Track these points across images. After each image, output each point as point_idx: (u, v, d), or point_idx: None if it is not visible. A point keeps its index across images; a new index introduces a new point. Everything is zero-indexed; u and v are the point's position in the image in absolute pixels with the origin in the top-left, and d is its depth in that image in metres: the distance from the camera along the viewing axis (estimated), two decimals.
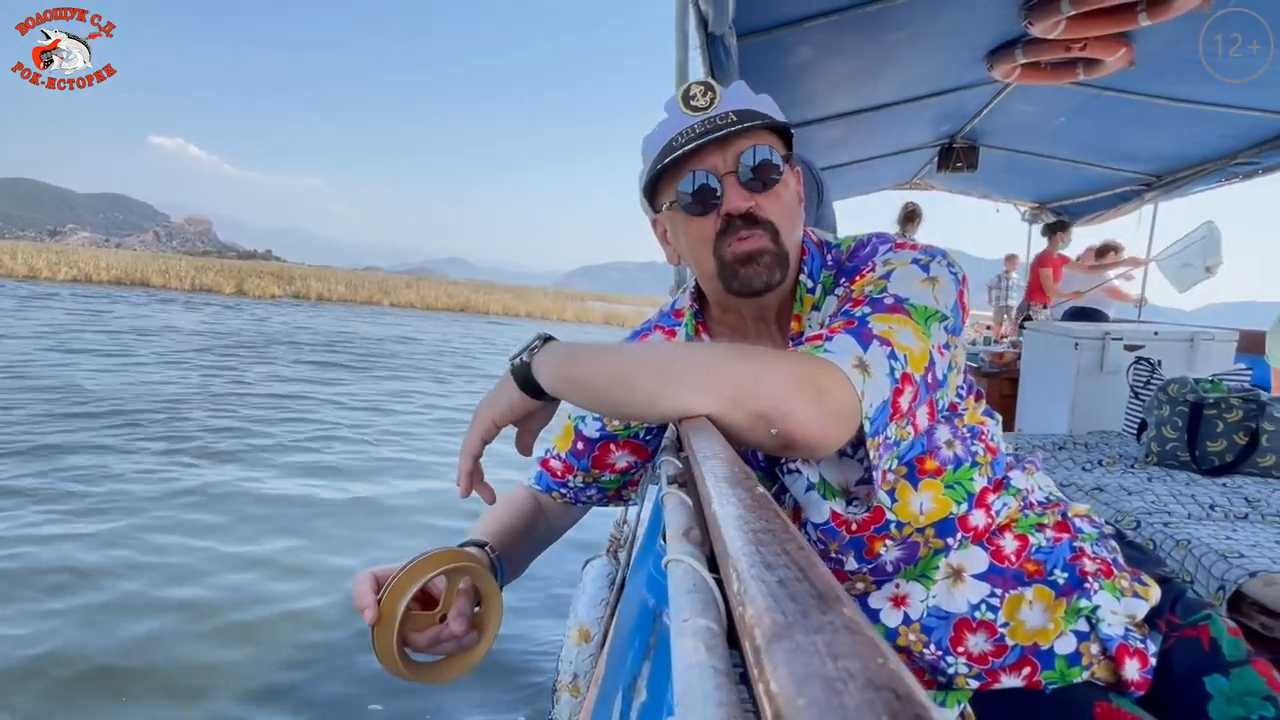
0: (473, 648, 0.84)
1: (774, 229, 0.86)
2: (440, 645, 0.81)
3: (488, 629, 0.85)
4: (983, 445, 0.88)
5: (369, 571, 0.81)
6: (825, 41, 2.99)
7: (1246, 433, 2.15)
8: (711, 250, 0.87)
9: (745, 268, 0.85)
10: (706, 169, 0.85)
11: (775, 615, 0.19)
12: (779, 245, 0.86)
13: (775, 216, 0.86)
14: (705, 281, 0.93)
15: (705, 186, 0.85)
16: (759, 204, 0.85)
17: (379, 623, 0.77)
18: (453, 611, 0.82)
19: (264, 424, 7.12)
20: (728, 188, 0.85)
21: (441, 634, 0.81)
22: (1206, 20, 2.65)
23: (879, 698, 0.14)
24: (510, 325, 27.48)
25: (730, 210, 0.85)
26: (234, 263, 50.43)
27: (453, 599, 0.82)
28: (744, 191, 0.85)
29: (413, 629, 0.80)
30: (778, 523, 0.30)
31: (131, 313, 17.71)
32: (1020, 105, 4.16)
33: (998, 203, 6.58)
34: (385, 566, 0.81)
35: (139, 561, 3.87)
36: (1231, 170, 4.16)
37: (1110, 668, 0.83)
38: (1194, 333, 3.33)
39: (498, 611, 0.86)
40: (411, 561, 0.79)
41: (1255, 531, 1.66)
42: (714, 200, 0.85)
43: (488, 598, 0.85)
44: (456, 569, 0.82)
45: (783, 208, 0.87)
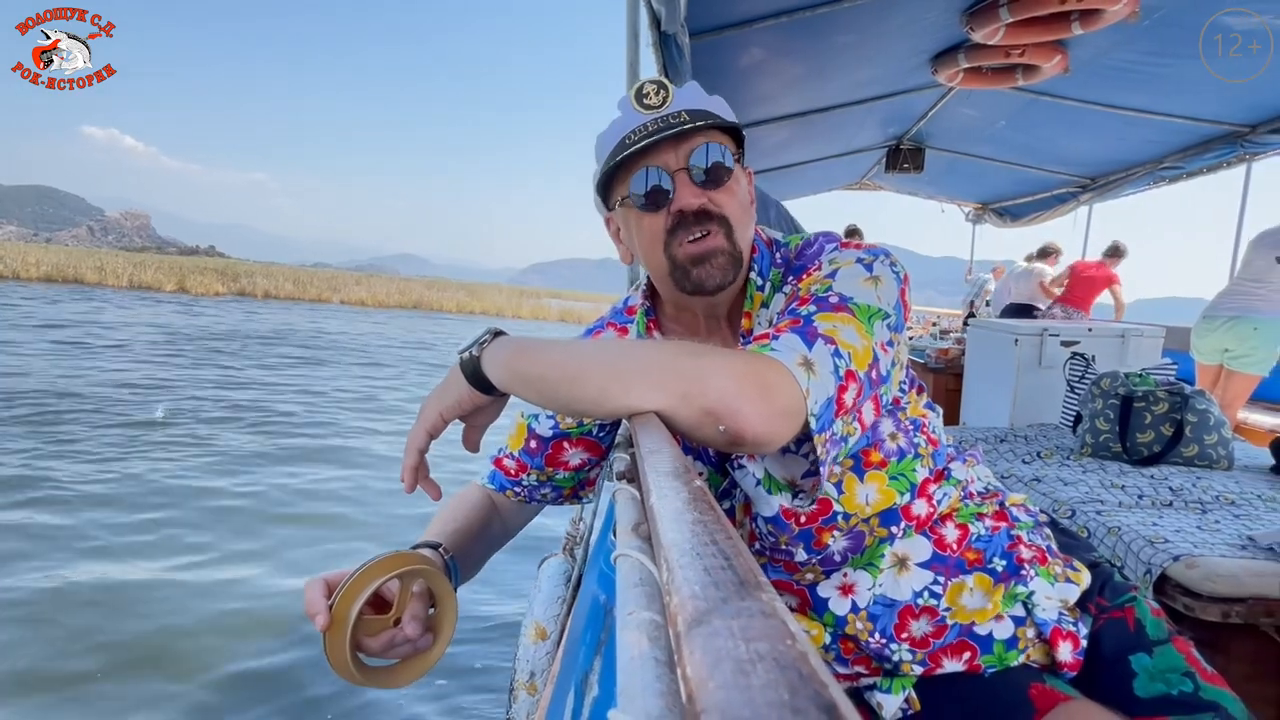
0: (428, 650, 0.83)
1: (727, 224, 0.86)
2: (395, 649, 0.80)
3: (443, 631, 0.84)
4: (924, 437, 0.91)
5: (320, 577, 0.79)
6: (775, 43, 3.03)
7: (1172, 424, 2.27)
8: (663, 248, 0.88)
9: (698, 268, 0.86)
10: (658, 166, 0.86)
11: (697, 602, 0.19)
12: (732, 244, 0.87)
13: (728, 212, 0.87)
14: (658, 280, 0.94)
15: (657, 184, 0.86)
16: (711, 199, 0.86)
17: (331, 628, 0.75)
18: (407, 615, 0.80)
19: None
20: (679, 185, 0.85)
21: (396, 637, 0.80)
22: (1135, 30, 2.78)
23: (784, 677, 0.14)
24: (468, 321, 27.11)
25: (682, 207, 0.85)
26: (175, 259, 48.41)
27: (407, 602, 0.81)
28: (695, 188, 0.86)
29: (366, 633, 0.78)
30: (710, 514, 0.30)
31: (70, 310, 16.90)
32: (963, 109, 4.29)
33: (943, 203, 6.78)
34: (336, 572, 0.79)
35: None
36: (1159, 174, 4.37)
37: (1045, 650, 0.87)
38: (1125, 329, 3.49)
39: (453, 613, 0.85)
40: (363, 565, 0.78)
41: (1179, 518, 1.75)
42: (665, 197, 0.86)
43: (442, 600, 0.84)
44: (410, 572, 0.81)
45: (735, 204, 0.88)
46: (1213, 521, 1.72)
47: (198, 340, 13.38)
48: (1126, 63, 3.16)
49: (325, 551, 4.28)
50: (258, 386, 9.31)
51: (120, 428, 6.53)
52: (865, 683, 0.92)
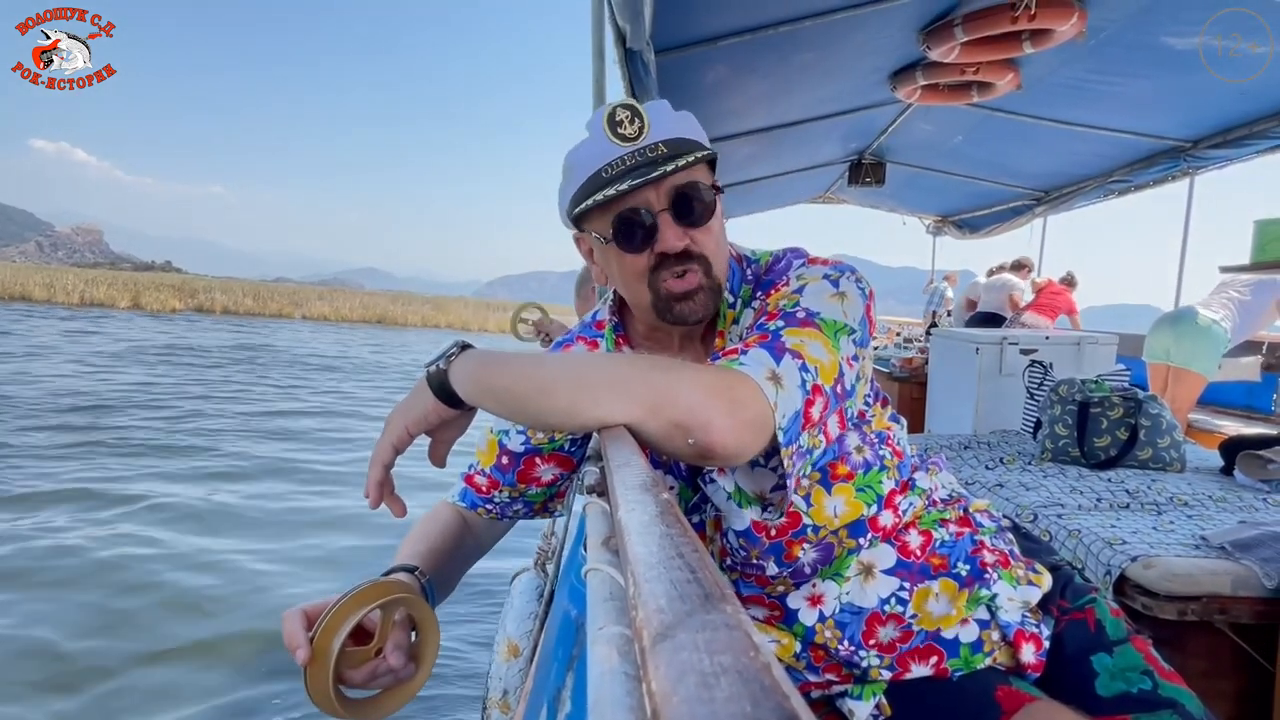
0: (410, 679, 0.81)
1: (707, 263, 0.88)
2: (377, 679, 0.78)
3: (425, 658, 0.82)
4: (889, 449, 0.92)
5: (298, 609, 0.77)
6: (740, 60, 3.08)
7: (1127, 429, 2.34)
8: (646, 284, 0.88)
9: (680, 304, 0.87)
10: (641, 205, 0.85)
11: (663, 616, 0.20)
12: (712, 279, 0.88)
13: (708, 251, 0.88)
14: (639, 310, 0.94)
15: (639, 224, 0.86)
16: (694, 240, 0.87)
17: (312, 662, 0.73)
18: (390, 644, 0.78)
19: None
20: (663, 226, 0.85)
21: (379, 668, 0.78)
22: (1082, 49, 2.89)
23: (747, 690, 0.15)
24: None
25: (665, 250, 0.86)
26: (129, 274, 47.07)
27: (389, 632, 0.79)
28: (679, 229, 0.86)
29: (348, 665, 0.76)
30: (677, 526, 0.31)
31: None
32: (922, 124, 4.41)
33: (904, 215, 6.93)
34: (316, 603, 0.77)
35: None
36: (1109, 187, 4.53)
37: (1010, 653, 0.89)
38: (1080, 337, 3.59)
39: (435, 640, 0.83)
40: (344, 597, 0.75)
41: (1136, 519, 1.80)
42: (648, 237, 0.86)
43: (424, 626, 0.83)
44: (391, 601, 0.79)
45: (714, 241, 0.89)
46: (1168, 522, 1.77)
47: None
48: (1075, 80, 3.28)
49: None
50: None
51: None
52: (836, 690, 0.92)
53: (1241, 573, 1.46)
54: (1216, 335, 3.46)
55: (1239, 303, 3.51)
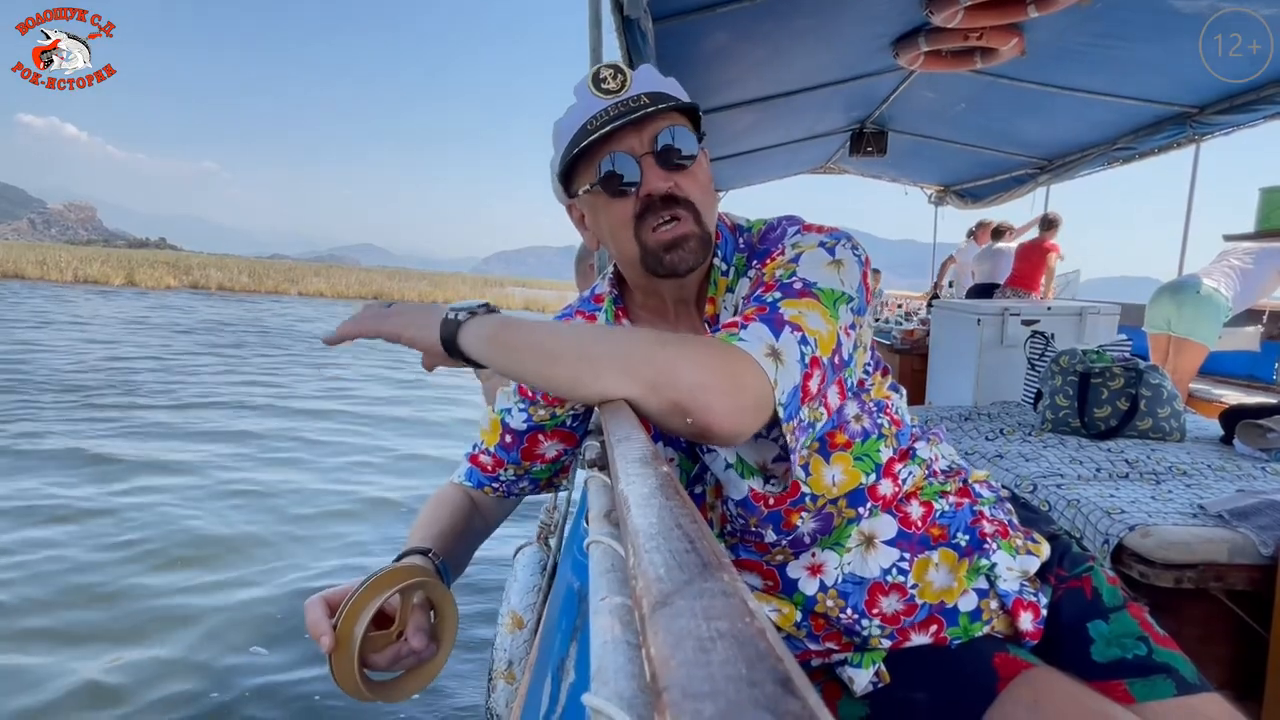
0: (432, 659, 0.82)
1: (694, 208, 0.87)
2: (400, 662, 0.80)
3: (445, 639, 0.84)
4: (888, 418, 0.92)
5: (319, 597, 0.78)
6: (739, 27, 3.03)
7: (1128, 399, 2.34)
8: (632, 233, 0.87)
9: (670, 253, 0.86)
10: (624, 151, 0.85)
11: (662, 585, 0.20)
12: (701, 227, 0.87)
13: (694, 196, 0.87)
14: (626, 265, 0.93)
15: (624, 169, 0.85)
16: (678, 184, 0.86)
17: (337, 649, 0.75)
18: (411, 627, 0.80)
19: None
20: (646, 169, 0.85)
21: (401, 651, 0.79)
22: (1088, 13, 2.83)
23: (742, 653, 0.15)
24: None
25: (650, 191, 0.85)
26: (123, 251, 46.84)
27: (409, 615, 0.81)
28: (662, 172, 0.86)
29: (371, 650, 0.78)
30: (676, 498, 0.31)
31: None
32: (924, 92, 4.34)
33: (906, 185, 6.87)
34: (336, 590, 0.78)
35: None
36: (1113, 155, 4.47)
37: (1008, 621, 0.90)
38: (1082, 307, 3.58)
39: (453, 620, 0.85)
40: (365, 583, 0.77)
41: (1134, 489, 1.82)
42: (633, 182, 0.86)
43: (442, 607, 0.84)
44: (410, 585, 0.80)
45: (700, 187, 0.88)
46: (1166, 492, 1.79)
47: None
48: (1080, 45, 3.23)
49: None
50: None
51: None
52: (836, 658, 0.94)
53: (1238, 540, 1.47)
54: (1218, 304, 3.44)
55: (1240, 270, 3.49)
